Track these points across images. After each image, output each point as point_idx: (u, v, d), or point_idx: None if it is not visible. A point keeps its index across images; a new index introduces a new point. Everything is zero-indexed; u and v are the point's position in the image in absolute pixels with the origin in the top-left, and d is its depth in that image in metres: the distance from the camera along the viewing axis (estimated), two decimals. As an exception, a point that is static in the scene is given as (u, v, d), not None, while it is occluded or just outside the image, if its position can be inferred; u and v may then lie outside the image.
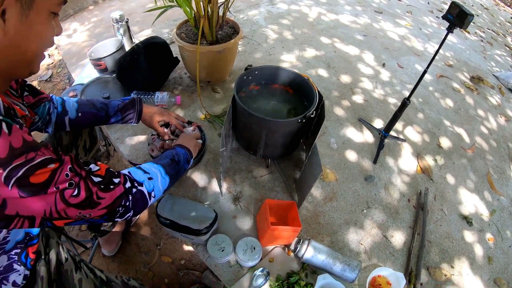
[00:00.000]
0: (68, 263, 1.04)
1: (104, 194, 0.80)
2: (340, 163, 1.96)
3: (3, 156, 0.60)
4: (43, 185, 0.67)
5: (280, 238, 1.46)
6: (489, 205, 2.12)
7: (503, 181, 2.32)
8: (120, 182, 0.86)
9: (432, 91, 2.87)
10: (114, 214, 0.85)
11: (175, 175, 1.14)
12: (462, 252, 1.81)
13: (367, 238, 1.68)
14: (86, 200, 0.76)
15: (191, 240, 1.48)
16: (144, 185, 0.94)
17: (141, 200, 0.92)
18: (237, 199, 1.66)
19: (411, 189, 1.98)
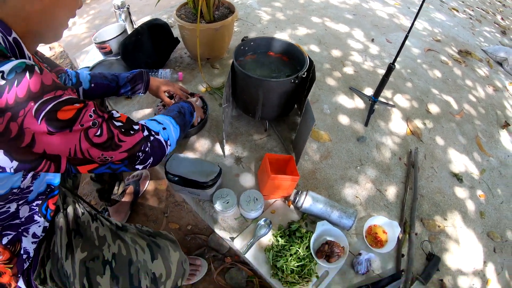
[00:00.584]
0: (85, 216, 1.11)
1: (125, 137, 0.84)
2: (333, 126, 2.07)
3: (35, 90, 0.65)
4: (69, 121, 0.71)
5: (280, 188, 1.56)
6: (479, 165, 2.22)
7: (492, 144, 2.42)
8: (139, 129, 0.90)
9: (420, 63, 2.97)
10: (135, 159, 0.89)
11: (183, 126, 1.20)
12: (454, 206, 1.90)
13: (362, 191, 1.78)
14: (108, 141, 0.80)
15: (197, 196, 1.58)
16: (160, 134, 0.99)
17: (159, 148, 0.97)
18: (239, 159, 1.77)
19: (401, 148, 2.08)
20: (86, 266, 1.00)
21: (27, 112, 0.64)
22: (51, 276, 1.01)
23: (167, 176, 1.51)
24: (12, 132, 0.64)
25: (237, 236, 1.52)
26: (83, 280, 0.99)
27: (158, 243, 1.14)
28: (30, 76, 0.65)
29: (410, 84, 2.65)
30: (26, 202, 0.92)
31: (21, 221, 0.92)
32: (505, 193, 2.12)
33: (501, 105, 2.86)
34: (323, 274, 1.47)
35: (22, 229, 0.93)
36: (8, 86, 0.62)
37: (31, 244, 0.96)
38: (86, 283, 1.00)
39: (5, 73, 0.62)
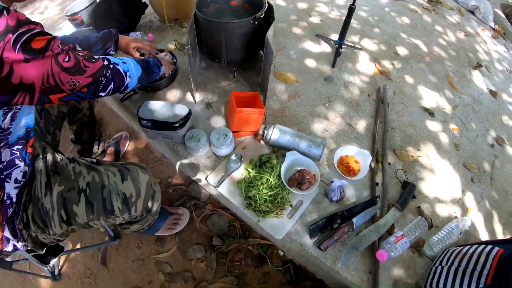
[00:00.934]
0: (63, 161, 1.15)
1: (89, 63, 0.94)
2: (300, 69, 2.08)
3: (12, 24, 0.75)
4: (42, 49, 0.81)
5: (247, 122, 1.58)
6: (451, 101, 2.25)
7: (464, 83, 2.45)
8: (100, 58, 0.99)
9: (388, 11, 2.98)
10: (98, 85, 0.98)
11: (146, 69, 1.29)
12: (427, 138, 1.94)
13: (331, 126, 1.81)
14: (75, 66, 0.89)
15: (170, 139, 1.60)
16: (119, 65, 1.08)
17: (118, 75, 1.06)
18: (209, 104, 1.80)
19: (370, 86, 2.10)
20: (63, 197, 1.04)
21: (6, 43, 0.73)
22: (33, 218, 1.05)
23: (141, 123, 1.53)
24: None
25: (210, 173, 1.55)
26: (61, 211, 1.04)
27: (127, 167, 1.17)
28: (7, 13, 0.74)
29: (377, 30, 2.67)
30: (7, 145, 0.97)
31: (3, 166, 0.97)
32: (480, 128, 2.16)
33: (473, 48, 2.89)
34: (298, 203, 1.50)
35: (4, 174, 0.98)
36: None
37: (13, 190, 1.01)
38: (63, 214, 1.04)
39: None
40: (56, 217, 1.03)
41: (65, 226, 1.06)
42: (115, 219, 1.13)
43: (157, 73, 1.47)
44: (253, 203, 1.44)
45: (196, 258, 1.77)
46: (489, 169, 1.94)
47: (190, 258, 1.76)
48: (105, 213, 1.09)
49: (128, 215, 1.14)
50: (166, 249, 1.79)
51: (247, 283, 1.75)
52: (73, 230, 1.11)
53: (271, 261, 1.77)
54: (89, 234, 1.86)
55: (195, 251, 1.77)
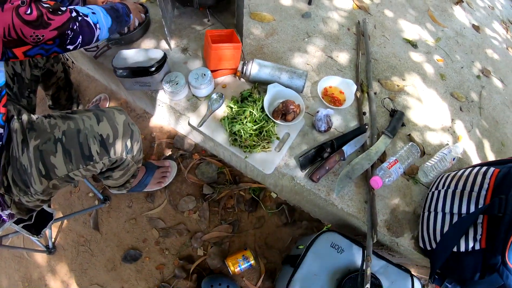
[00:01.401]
0: (39, 118, 1.09)
1: (53, 16, 0.88)
2: (276, 7, 2.01)
3: None
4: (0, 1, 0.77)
5: (224, 59, 1.51)
6: (433, 34, 2.21)
7: (446, 17, 2.41)
8: (67, 10, 0.94)
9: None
10: (65, 38, 0.93)
11: (115, 18, 1.22)
12: (412, 68, 1.90)
13: (312, 59, 1.75)
14: (38, 19, 0.84)
15: (149, 87, 1.54)
16: (89, 17, 1.02)
17: (87, 27, 1.01)
18: (185, 49, 1.72)
19: (349, 20, 2.04)
20: (39, 150, 0.99)
21: None
22: (14, 180, 1.02)
23: (116, 73, 1.47)
24: None
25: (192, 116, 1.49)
26: (39, 165, 0.99)
27: (103, 109, 1.12)
28: None
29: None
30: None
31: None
32: (465, 60, 2.12)
33: (452, -16, 2.83)
34: (285, 136, 1.46)
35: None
36: None
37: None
38: (42, 168, 0.99)
39: None
40: (35, 172, 0.99)
41: (45, 181, 1.02)
42: (95, 165, 1.07)
43: (128, 21, 1.39)
44: (238, 138, 1.39)
45: (188, 210, 1.73)
46: (477, 99, 1.92)
47: (182, 210, 1.73)
48: (84, 159, 1.04)
49: (107, 159, 1.09)
50: (157, 204, 1.75)
51: (242, 229, 1.72)
52: (54, 186, 1.06)
53: (264, 205, 1.75)
54: (78, 201, 1.81)
55: (186, 202, 1.74)
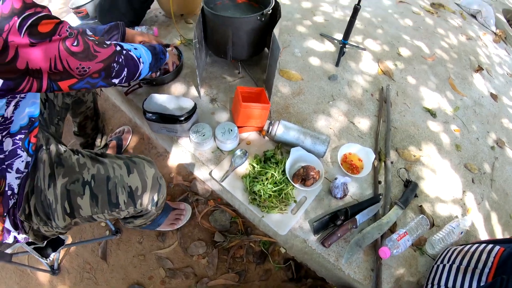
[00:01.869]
0: (67, 152, 1.13)
1: (100, 49, 0.91)
2: (304, 66, 2.09)
3: (17, 7, 0.72)
4: (48, 33, 0.78)
5: (252, 117, 1.58)
6: (452, 103, 2.26)
7: (465, 85, 2.47)
8: (111, 44, 0.97)
9: (391, 13, 3.00)
10: (111, 71, 0.96)
11: (154, 55, 1.27)
12: (429, 138, 1.94)
13: (335, 123, 1.81)
14: (85, 51, 0.86)
15: (175, 133, 1.60)
16: (131, 51, 1.06)
17: (132, 60, 1.05)
18: (214, 99, 1.80)
19: (373, 86, 2.11)
20: (67, 189, 1.02)
21: (11, 26, 0.71)
22: (36, 210, 1.02)
23: (146, 115, 1.53)
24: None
25: (215, 168, 1.55)
26: (65, 203, 1.02)
27: (134, 160, 1.16)
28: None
29: (380, 30, 2.68)
30: (9, 134, 0.94)
31: (5, 155, 0.94)
32: (481, 130, 2.17)
33: (474, 51, 2.91)
34: (302, 199, 1.51)
35: (6, 164, 0.95)
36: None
37: (15, 180, 0.98)
38: (67, 206, 1.02)
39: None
40: (60, 210, 1.02)
41: (68, 219, 1.05)
42: (120, 212, 1.11)
43: (164, 59, 1.44)
44: (257, 198, 1.44)
45: (197, 254, 1.76)
46: (489, 171, 1.95)
47: (192, 254, 1.76)
48: (110, 206, 1.07)
49: (133, 209, 1.13)
50: (167, 244, 1.78)
51: (248, 279, 1.75)
52: (76, 223, 1.10)
53: (272, 259, 1.77)
54: (89, 228, 1.84)
55: (196, 247, 1.77)
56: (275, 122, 1.59)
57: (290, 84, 1.96)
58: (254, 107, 1.52)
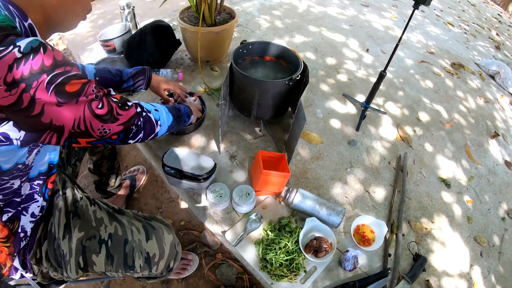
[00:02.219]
0: (83, 200, 1.16)
1: (121, 111, 0.92)
2: (325, 129, 2.14)
3: (48, 64, 0.72)
4: (75, 93, 0.78)
5: (271, 184, 1.62)
6: (467, 172, 2.29)
7: (481, 153, 2.49)
8: (133, 105, 0.98)
9: (412, 73, 3.05)
10: (129, 133, 0.96)
11: (177, 117, 1.28)
12: (441, 210, 1.97)
13: (351, 192, 1.85)
14: (108, 113, 0.87)
15: (192, 189, 1.64)
16: (151, 113, 1.06)
17: (149, 123, 1.04)
18: (233, 157, 1.85)
19: (391, 153, 2.15)
20: (83, 245, 1.05)
21: (39, 83, 0.71)
22: (47, 256, 1.04)
23: (164, 169, 1.57)
24: (24, 103, 0.71)
25: (229, 230, 1.59)
26: (79, 258, 1.04)
27: (153, 225, 1.19)
28: (44, 51, 0.72)
29: (401, 93, 2.73)
30: (28, 179, 0.96)
31: (22, 199, 0.96)
32: (493, 200, 2.18)
33: (491, 116, 2.94)
34: (311, 269, 1.53)
35: (22, 207, 0.97)
36: (24, 59, 0.69)
37: (29, 223, 1.00)
38: (81, 261, 1.04)
39: (22, 48, 0.69)
40: (73, 263, 1.04)
41: (81, 272, 1.06)
42: (134, 274, 1.14)
43: (187, 122, 1.46)
44: (268, 265, 1.48)
45: (201, 306, 1.79)
46: (498, 243, 1.97)
47: (195, 304, 1.79)
48: (125, 267, 1.10)
49: (148, 273, 1.16)
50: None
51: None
52: (87, 275, 1.12)
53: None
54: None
55: (201, 298, 1.79)
56: (292, 189, 1.63)
57: (310, 147, 2.00)
58: (274, 175, 1.56)
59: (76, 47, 2.87)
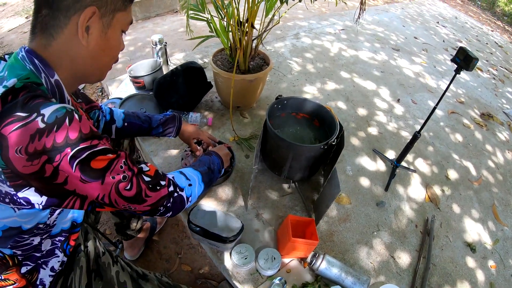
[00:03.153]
0: (106, 257, 1.14)
1: (151, 193, 0.88)
2: (354, 188, 2.17)
3: (73, 137, 0.69)
4: (101, 171, 0.75)
5: (298, 250, 1.65)
6: (493, 234, 2.27)
7: (508, 213, 2.48)
8: (165, 185, 0.94)
9: (443, 126, 3.07)
10: (156, 212, 0.94)
11: (208, 182, 1.24)
12: (465, 276, 1.96)
13: (376, 257, 1.86)
14: (136, 196, 0.84)
15: (216, 247, 1.68)
16: (184, 191, 1.03)
17: (180, 203, 1.01)
18: (260, 214, 1.88)
19: (419, 215, 2.16)
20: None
21: (62, 157, 0.69)
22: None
23: (190, 226, 1.59)
24: (47, 172, 0.69)
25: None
26: None
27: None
28: (69, 122, 0.70)
29: (431, 148, 2.74)
30: (49, 236, 0.95)
31: (42, 254, 0.95)
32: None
33: (519, 171, 2.92)
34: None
35: (42, 261, 0.96)
36: (48, 130, 0.67)
37: (48, 277, 0.98)
38: None
39: (46, 117, 0.67)
40: None
41: None
42: None
43: (218, 177, 1.40)
44: (292, 330, 1.50)
45: None
46: None
47: None
48: None
49: None
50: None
51: None
52: None
53: None
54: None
55: None
56: (319, 256, 1.65)
57: (338, 208, 2.03)
58: (302, 243, 1.59)
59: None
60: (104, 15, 0.82)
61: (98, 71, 0.93)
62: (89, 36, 0.82)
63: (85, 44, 0.82)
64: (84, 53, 0.84)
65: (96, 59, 0.88)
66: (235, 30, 2.13)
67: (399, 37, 4.79)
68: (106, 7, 0.82)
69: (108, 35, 0.86)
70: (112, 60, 0.95)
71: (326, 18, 4.96)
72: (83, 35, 0.80)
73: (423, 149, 2.71)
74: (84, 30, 0.80)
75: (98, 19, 0.81)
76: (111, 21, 0.85)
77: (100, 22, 0.82)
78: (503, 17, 9.58)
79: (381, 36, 4.67)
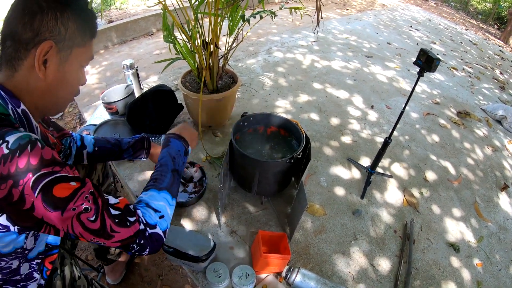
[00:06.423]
0: (81, 280, 1.16)
1: (119, 228, 0.83)
2: (329, 199, 2.16)
3: (34, 163, 0.71)
4: (63, 201, 0.74)
5: (272, 265, 1.63)
6: (477, 232, 2.26)
7: (491, 208, 2.47)
8: (135, 221, 0.87)
9: (418, 128, 3.08)
10: (129, 249, 0.88)
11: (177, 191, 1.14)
12: (450, 277, 1.93)
13: (354, 266, 1.84)
14: (100, 230, 0.80)
15: (191, 267, 1.66)
16: (157, 226, 0.94)
17: (156, 241, 0.93)
18: (234, 232, 1.86)
19: (397, 221, 2.14)
20: None
21: (25, 182, 0.70)
22: None
23: (163, 247, 1.59)
24: (14, 197, 0.70)
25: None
26: None
27: None
28: (31, 149, 0.72)
29: (408, 151, 2.75)
30: (27, 260, 0.95)
31: (21, 277, 0.95)
32: (504, 259, 2.14)
33: (500, 165, 2.92)
34: None
35: (21, 285, 0.96)
36: (11, 156, 0.69)
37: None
38: None
39: (10, 143, 0.70)
40: None
41: None
42: None
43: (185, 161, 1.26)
44: None
45: None
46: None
47: None
48: None
49: None
50: None
51: None
52: None
53: None
54: None
55: None
56: (294, 269, 1.63)
57: (313, 219, 2.01)
58: (274, 257, 1.57)
59: (83, 99, 2.97)
60: (61, 50, 0.85)
61: (56, 105, 0.96)
62: (47, 69, 0.84)
63: (42, 77, 0.84)
64: (42, 85, 0.86)
65: (54, 92, 0.90)
66: (199, 51, 2.15)
67: (372, 44, 4.87)
68: (64, 42, 0.84)
69: (66, 69, 0.88)
70: (71, 94, 0.97)
71: (299, 31, 5.04)
72: (40, 67, 0.82)
73: (399, 153, 2.71)
74: (41, 63, 0.82)
75: (55, 53, 0.84)
76: (69, 56, 0.88)
77: (57, 56, 0.85)
78: (477, 15, 9.79)
79: (353, 45, 4.73)
